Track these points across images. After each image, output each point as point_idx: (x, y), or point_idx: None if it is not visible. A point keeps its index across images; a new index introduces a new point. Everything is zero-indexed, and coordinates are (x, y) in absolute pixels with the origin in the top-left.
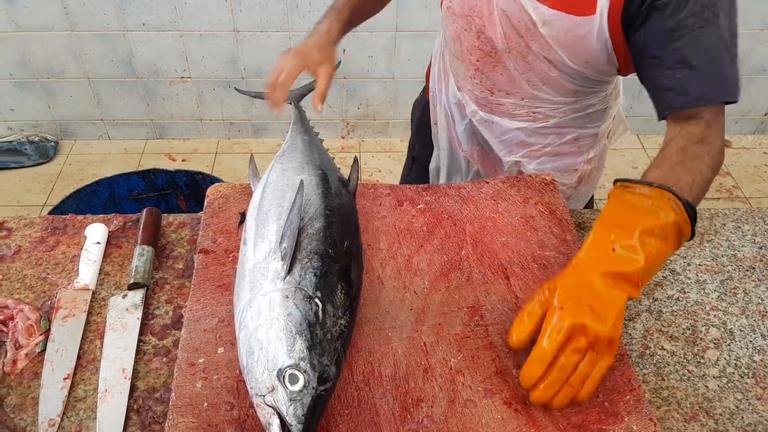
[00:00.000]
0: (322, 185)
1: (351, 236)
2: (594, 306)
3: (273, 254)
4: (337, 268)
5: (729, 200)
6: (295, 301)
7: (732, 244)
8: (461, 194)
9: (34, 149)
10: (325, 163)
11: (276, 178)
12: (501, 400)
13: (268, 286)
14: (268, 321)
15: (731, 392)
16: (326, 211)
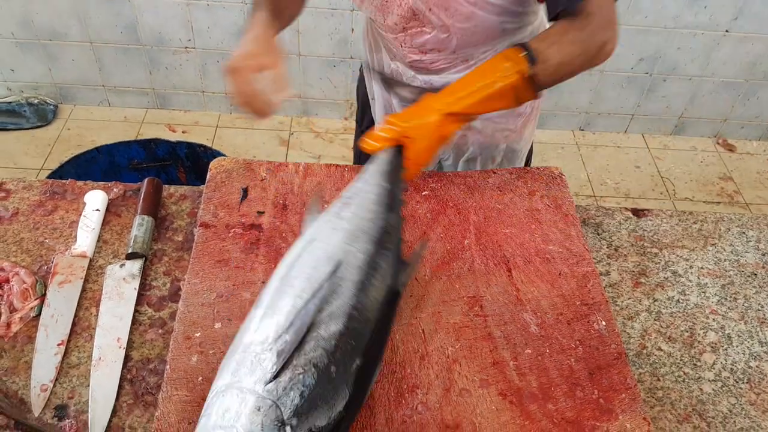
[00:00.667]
0: (364, 272)
1: (369, 354)
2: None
3: (272, 343)
4: (331, 395)
5: (729, 205)
6: (263, 420)
7: (735, 250)
8: (467, 183)
9: (33, 112)
10: (386, 238)
11: (323, 234)
12: (496, 391)
13: (248, 382)
14: (228, 427)
15: (725, 396)
16: (352, 311)
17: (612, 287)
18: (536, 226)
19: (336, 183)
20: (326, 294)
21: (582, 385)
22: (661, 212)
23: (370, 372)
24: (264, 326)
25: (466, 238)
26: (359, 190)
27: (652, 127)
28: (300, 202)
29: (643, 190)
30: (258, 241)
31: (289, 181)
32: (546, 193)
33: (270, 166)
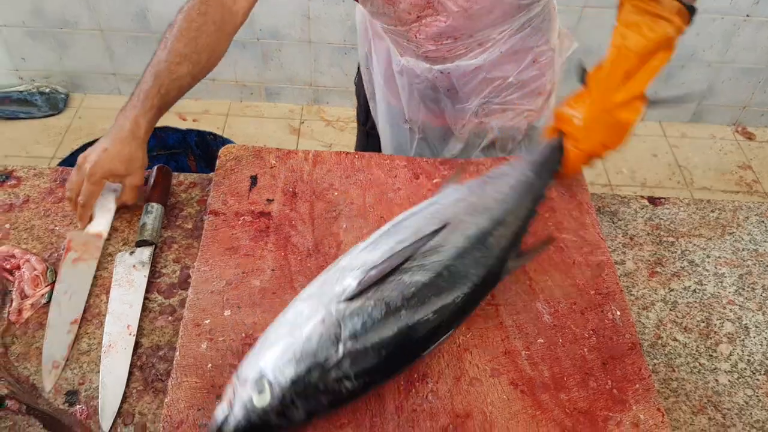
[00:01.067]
0: (470, 243)
1: (442, 316)
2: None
3: (358, 273)
4: (390, 337)
5: (747, 194)
6: (323, 331)
7: (754, 239)
8: (480, 171)
9: (44, 100)
10: (508, 221)
11: (447, 200)
12: (507, 380)
13: (325, 298)
14: (294, 325)
15: (741, 388)
16: (443, 270)
17: (627, 276)
18: (550, 215)
19: (346, 170)
20: (425, 249)
21: (595, 375)
22: (678, 200)
23: (435, 335)
24: (359, 257)
25: None
26: (502, 173)
27: (670, 114)
28: (309, 189)
29: (660, 179)
30: (267, 228)
31: (299, 168)
32: (560, 181)
33: (279, 154)
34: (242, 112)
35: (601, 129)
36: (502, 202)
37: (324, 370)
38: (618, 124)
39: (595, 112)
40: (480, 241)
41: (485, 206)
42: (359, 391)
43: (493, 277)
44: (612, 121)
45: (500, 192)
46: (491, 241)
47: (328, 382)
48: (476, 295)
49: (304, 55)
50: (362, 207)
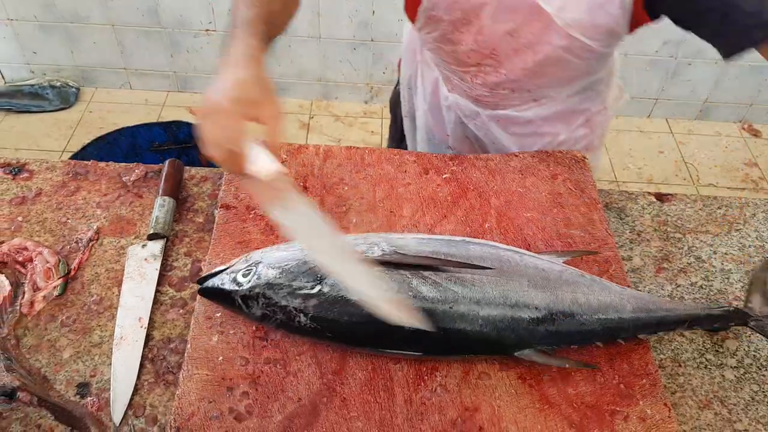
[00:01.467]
0: (500, 302)
1: (411, 336)
2: None
3: (393, 248)
4: (356, 310)
5: (753, 191)
6: (317, 265)
7: (761, 235)
8: (489, 166)
9: (55, 94)
10: (558, 318)
11: (510, 262)
12: (516, 374)
13: (350, 245)
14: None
15: (747, 383)
16: (451, 302)
17: (634, 272)
18: (558, 210)
19: (356, 165)
20: (454, 274)
21: (602, 370)
22: (685, 197)
23: (399, 343)
24: (404, 240)
25: (486, 222)
26: (604, 291)
27: (676, 111)
28: (320, 184)
29: (667, 175)
30: None
31: (310, 163)
32: (569, 176)
33: (290, 149)
34: None
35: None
36: (571, 303)
37: (292, 293)
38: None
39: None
40: (513, 309)
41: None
42: (306, 331)
43: (497, 348)
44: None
45: (573, 296)
46: (524, 318)
47: (289, 304)
48: (466, 344)
49: (313, 51)
50: (372, 202)
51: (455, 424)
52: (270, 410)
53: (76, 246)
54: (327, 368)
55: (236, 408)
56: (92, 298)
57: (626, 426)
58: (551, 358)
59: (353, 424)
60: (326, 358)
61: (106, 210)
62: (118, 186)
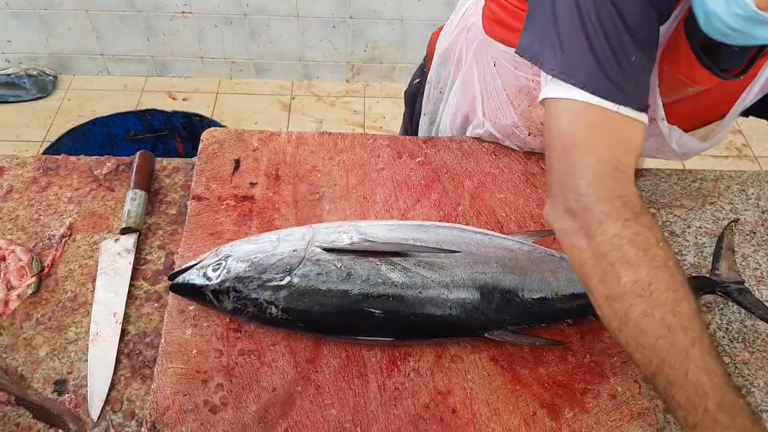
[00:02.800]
0: (470, 285)
1: (384, 320)
2: None
3: (362, 236)
4: (326, 299)
5: (737, 159)
6: (285, 257)
7: (735, 208)
8: (462, 148)
9: (32, 83)
10: (528, 298)
11: (480, 243)
12: (488, 356)
13: (318, 235)
14: (280, 238)
15: None
16: (420, 287)
17: None
18: (531, 191)
19: (329, 152)
20: (425, 260)
21: (573, 349)
22: (659, 171)
23: (371, 330)
24: (372, 228)
25: (460, 205)
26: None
27: None
28: (293, 172)
29: None
30: (251, 212)
31: (282, 150)
32: (542, 156)
33: (262, 136)
34: (232, 90)
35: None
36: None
37: (262, 286)
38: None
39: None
40: (482, 291)
41: (519, 273)
42: (278, 322)
43: (468, 330)
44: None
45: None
46: (493, 299)
47: (259, 297)
48: (436, 328)
49: (292, 30)
50: (345, 188)
51: (428, 408)
52: (245, 401)
53: (49, 243)
54: (301, 357)
55: (211, 400)
56: (67, 294)
57: (597, 403)
58: (521, 337)
59: (328, 411)
60: (300, 347)
61: (78, 205)
62: (89, 180)
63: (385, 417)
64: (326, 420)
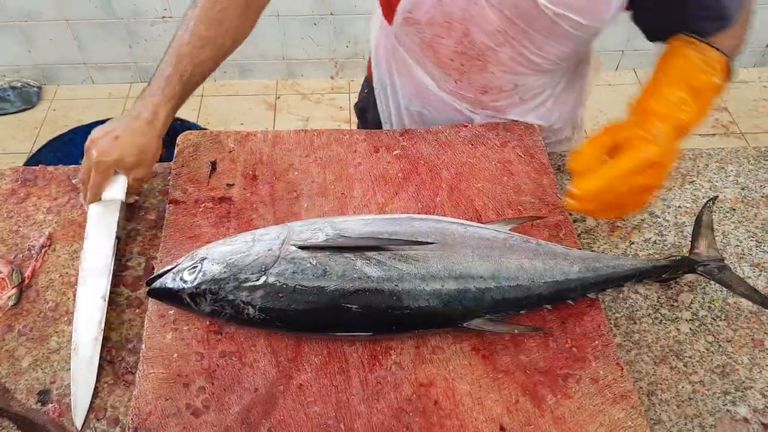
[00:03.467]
0: (446, 275)
1: (362, 315)
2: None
3: (336, 232)
4: (303, 297)
5: (725, 136)
6: (260, 256)
7: (714, 186)
8: (439, 139)
9: (16, 95)
10: (503, 285)
11: (456, 234)
12: (469, 346)
13: (293, 234)
14: (255, 238)
15: (702, 335)
16: (396, 281)
17: (588, 233)
18: (508, 178)
19: (306, 149)
20: (401, 253)
21: (554, 335)
22: None
23: (350, 326)
24: (347, 224)
25: (438, 196)
26: (535, 251)
27: (644, 61)
28: (270, 171)
29: None
30: (228, 214)
31: (258, 150)
32: (518, 143)
33: (238, 137)
34: (217, 92)
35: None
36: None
37: (238, 287)
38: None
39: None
40: (458, 281)
41: (495, 261)
42: (256, 323)
43: (446, 320)
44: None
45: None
46: (470, 288)
47: (236, 298)
48: (414, 320)
49: (273, 29)
50: (323, 185)
51: (411, 401)
52: (227, 403)
53: (29, 254)
54: (282, 356)
55: (193, 404)
56: (48, 304)
57: (579, 388)
58: (500, 326)
59: (310, 409)
60: (281, 346)
61: (57, 215)
62: (68, 189)
63: (368, 412)
64: (309, 418)
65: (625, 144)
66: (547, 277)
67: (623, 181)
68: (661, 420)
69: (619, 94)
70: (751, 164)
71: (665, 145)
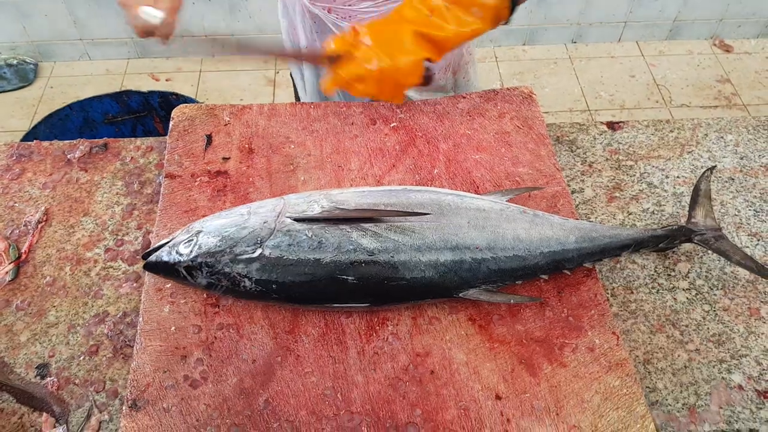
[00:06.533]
0: (442, 246)
1: (358, 286)
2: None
3: (332, 204)
4: (299, 269)
5: (727, 108)
6: (256, 229)
7: (713, 155)
8: (436, 111)
9: (13, 73)
10: (500, 255)
11: (451, 205)
12: (466, 316)
13: (288, 207)
14: (250, 211)
15: (699, 304)
16: (393, 251)
17: (586, 204)
18: (506, 149)
19: (302, 122)
20: (397, 224)
21: (551, 305)
22: (636, 123)
23: (347, 297)
24: (343, 195)
25: (435, 168)
26: (533, 221)
27: (646, 33)
28: (266, 144)
29: (639, 99)
30: (225, 187)
31: (254, 123)
32: (516, 114)
33: (233, 110)
34: (215, 67)
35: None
36: (513, 240)
37: (234, 259)
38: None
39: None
40: (453, 252)
41: (491, 231)
42: (253, 295)
43: (442, 291)
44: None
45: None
46: (466, 259)
47: (232, 270)
48: (410, 291)
49: (272, 4)
50: (319, 158)
51: (407, 370)
52: (225, 374)
53: (26, 229)
54: (280, 328)
55: (191, 375)
56: (45, 279)
57: (574, 357)
58: (495, 296)
59: (308, 379)
60: (279, 318)
61: (54, 190)
62: (63, 164)
63: (365, 381)
64: (306, 388)
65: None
66: (543, 247)
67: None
68: (657, 388)
69: (620, 66)
70: (750, 134)
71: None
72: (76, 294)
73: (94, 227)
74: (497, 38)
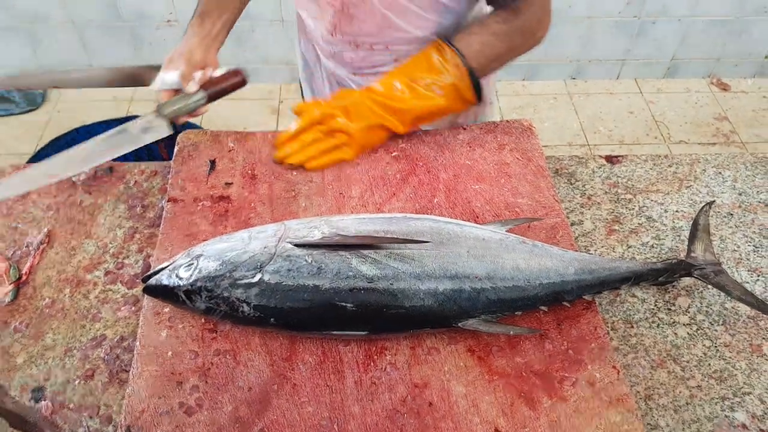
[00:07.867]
0: (440, 275)
1: (357, 313)
2: (350, 110)
3: (333, 230)
4: (299, 294)
5: (725, 146)
6: (256, 254)
7: (711, 190)
8: (437, 141)
9: (21, 96)
10: (499, 286)
11: (451, 236)
12: (465, 347)
13: (289, 232)
14: (251, 235)
15: (700, 339)
16: (392, 279)
17: (585, 236)
18: (506, 180)
19: None
20: (397, 252)
21: (551, 337)
22: (635, 157)
23: (344, 324)
24: (344, 222)
25: (435, 197)
26: (533, 252)
27: (644, 71)
28: (269, 171)
29: (638, 135)
30: (226, 212)
31: (258, 150)
32: (516, 146)
33: (238, 137)
34: None
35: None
36: (513, 270)
37: (234, 284)
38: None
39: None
40: (453, 281)
41: (490, 261)
42: (251, 320)
43: (441, 320)
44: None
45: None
46: (465, 288)
47: (231, 295)
48: (409, 319)
49: (277, 34)
50: (321, 185)
51: (405, 402)
52: (220, 402)
53: (27, 250)
54: (277, 356)
55: (186, 402)
56: (44, 301)
57: (575, 391)
58: (495, 326)
59: (304, 409)
60: (276, 345)
61: (57, 212)
62: (67, 186)
63: (362, 413)
64: (303, 418)
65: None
66: (543, 278)
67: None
68: (659, 425)
69: (619, 103)
70: (748, 170)
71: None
72: (75, 316)
73: (95, 249)
74: (497, 73)
